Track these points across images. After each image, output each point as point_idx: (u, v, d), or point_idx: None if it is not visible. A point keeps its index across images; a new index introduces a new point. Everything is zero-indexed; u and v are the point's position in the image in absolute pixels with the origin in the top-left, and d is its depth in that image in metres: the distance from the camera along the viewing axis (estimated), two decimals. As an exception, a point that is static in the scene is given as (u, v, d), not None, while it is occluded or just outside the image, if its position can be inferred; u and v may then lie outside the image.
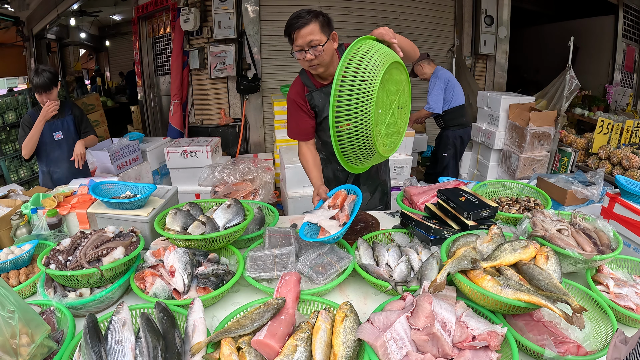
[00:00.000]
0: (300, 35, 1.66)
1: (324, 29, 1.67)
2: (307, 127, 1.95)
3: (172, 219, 1.63)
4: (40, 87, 2.53)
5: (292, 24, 1.67)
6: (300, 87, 1.92)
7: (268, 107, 5.19)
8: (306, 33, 1.65)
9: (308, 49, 1.68)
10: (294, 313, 1.21)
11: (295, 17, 1.67)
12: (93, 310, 1.34)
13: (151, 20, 5.83)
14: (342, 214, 1.60)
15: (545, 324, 1.16)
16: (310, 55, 1.69)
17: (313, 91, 1.88)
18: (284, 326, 1.13)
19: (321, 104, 1.90)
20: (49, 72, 2.55)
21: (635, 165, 3.38)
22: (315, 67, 1.75)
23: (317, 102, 1.90)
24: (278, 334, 1.09)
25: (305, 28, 1.64)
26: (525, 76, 7.71)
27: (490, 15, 5.77)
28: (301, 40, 1.67)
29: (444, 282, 1.18)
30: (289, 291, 1.27)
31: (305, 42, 1.67)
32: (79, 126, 2.87)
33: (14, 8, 6.23)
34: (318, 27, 1.65)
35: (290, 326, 1.15)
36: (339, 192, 1.68)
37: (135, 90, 6.55)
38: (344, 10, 5.18)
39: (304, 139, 1.97)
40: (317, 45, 1.67)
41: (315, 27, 1.65)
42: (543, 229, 1.46)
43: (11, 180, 4.66)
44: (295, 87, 1.94)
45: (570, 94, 3.95)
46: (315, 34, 1.65)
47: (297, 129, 1.97)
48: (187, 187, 3.75)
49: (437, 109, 3.73)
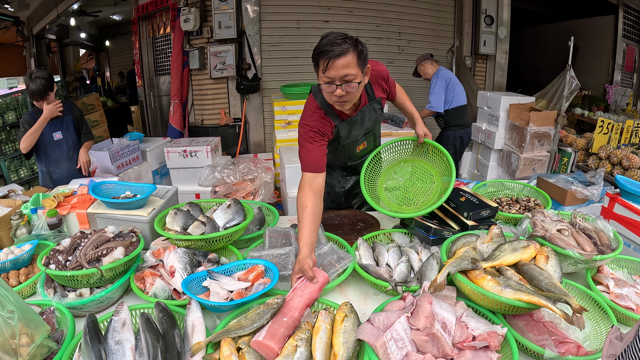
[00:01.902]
0: (334, 67, 1.40)
1: (360, 63, 1.44)
2: (324, 157, 1.69)
3: (172, 219, 1.63)
4: (36, 94, 2.53)
5: (326, 51, 1.40)
6: (324, 119, 1.68)
7: (268, 107, 5.19)
8: (342, 65, 1.40)
9: (340, 83, 1.44)
10: (300, 317, 1.17)
11: (329, 43, 1.40)
12: (93, 310, 1.34)
13: (151, 20, 5.83)
14: (244, 292, 1.32)
15: (546, 324, 1.16)
16: (342, 91, 1.46)
17: (339, 124, 1.72)
18: (285, 328, 1.11)
19: (344, 134, 1.77)
20: (43, 79, 2.53)
21: (635, 165, 3.38)
22: (343, 103, 1.54)
23: (342, 132, 1.76)
24: (278, 335, 1.08)
25: (341, 59, 1.39)
26: (525, 76, 7.70)
27: (490, 15, 5.77)
28: (334, 73, 1.41)
29: (444, 282, 1.18)
30: (303, 295, 1.21)
31: (339, 76, 1.42)
32: (78, 127, 2.88)
33: (14, 8, 6.23)
34: (355, 59, 1.41)
35: (291, 329, 1.13)
36: (254, 267, 1.41)
37: (136, 90, 6.55)
38: (344, 10, 5.18)
39: (319, 171, 1.65)
40: (351, 80, 1.43)
41: (353, 59, 1.40)
42: (543, 229, 1.46)
43: (11, 180, 4.66)
44: (316, 120, 1.68)
45: (570, 94, 3.95)
46: (351, 68, 1.41)
47: (316, 161, 1.64)
48: (187, 187, 3.75)
49: (439, 107, 3.74)
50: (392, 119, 4.28)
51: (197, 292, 1.32)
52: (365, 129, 1.83)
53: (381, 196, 1.92)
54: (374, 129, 1.88)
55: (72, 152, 2.84)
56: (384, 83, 1.80)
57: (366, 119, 1.78)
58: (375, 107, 1.78)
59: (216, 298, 1.27)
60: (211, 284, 1.31)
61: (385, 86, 1.81)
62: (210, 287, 1.30)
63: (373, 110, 1.79)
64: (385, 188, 1.94)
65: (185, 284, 1.29)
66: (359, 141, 1.87)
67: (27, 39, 6.62)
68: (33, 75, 2.52)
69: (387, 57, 5.50)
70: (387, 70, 1.81)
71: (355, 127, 1.79)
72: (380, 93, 1.79)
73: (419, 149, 1.91)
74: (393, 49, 5.56)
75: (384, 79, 1.79)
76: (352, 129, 1.78)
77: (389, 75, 1.82)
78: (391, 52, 5.55)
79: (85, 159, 2.82)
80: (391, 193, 1.92)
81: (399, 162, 1.98)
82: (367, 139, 1.90)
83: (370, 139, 1.92)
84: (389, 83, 1.83)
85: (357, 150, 1.91)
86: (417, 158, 1.92)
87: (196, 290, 1.32)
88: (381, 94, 1.80)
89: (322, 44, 1.43)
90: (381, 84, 1.78)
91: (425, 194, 1.83)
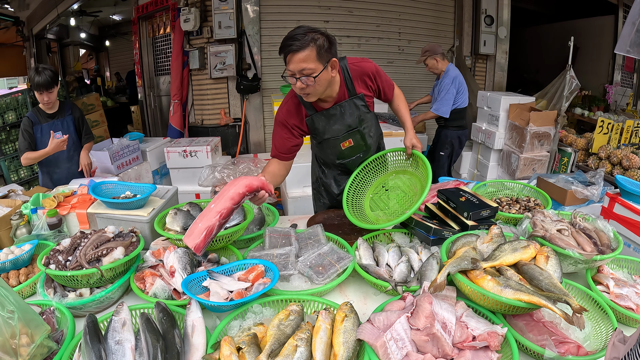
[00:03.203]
0: (292, 61, 1.48)
1: (320, 56, 1.49)
2: (293, 148, 1.83)
3: (172, 219, 1.63)
4: (42, 85, 2.53)
5: (286, 45, 1.48)
6: (296, 109, 1.78)
7: (268, 107, 5.19)
8: (299, 59, 1.47)
9: (300, 77, 1.51)
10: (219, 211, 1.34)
11: (290, 38, 1.48)
12: (93, 310, 1.34)
13: (151, 20, 5.83)
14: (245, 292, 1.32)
15: (546, 324, 1.16)
16: (302, 84, 1.53)
17: (313, 115, 1.78)
18: (202, 222, 1.30)
19: (322, 126, 1.81)
20: (50, 71, 2.57)
21: (635, 165, 3.38)
22: (306, 95, 1.61)
23: (317, 125, 1.80)
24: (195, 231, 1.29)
25: (298, 54, 1.46)
26: (525, 76, 7.70)
27: (490, 15, 5.76)
28: (293, 66, 1.49)
29: (444, 282, 1.18)
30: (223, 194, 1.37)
31: (297, 69, 1.49)
32: (79, 128, 2.88)
33: (14, 8, 6.23)
34: (314, 53, 1.47)
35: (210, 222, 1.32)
36: (254, 267, 1.42)
37: (136, 90, 6.54)
38: (344, 10, 5.18)
39: (285, 159, 1.84)
40: (309, 74, 1.50)
41: (310, 53, 1.47)
42: (543, 229, 1.46)
43: (11, 180, 4.66)
44: (288, 108, 1.79)
45: (570, 94, 3.95)
46: (309, 62, 1.47)
47: (282, 148, 1.82)
48: (187, 187, 3.75)
49: (446, 113, 3.70)
50: (392, 119, 4.27)
51: (197, 292, 1.32)
52: (347, 125, 1.83)
53: (365, 206, 1.92)
54: (359, 126, 1.85)
55: (72, 153, 2.84)
56: (369, 80, 1.79)
57: (347, 115, 1.79)
58: (357, 103, 1.79)
59: (216, 298, 1.27)
60: (211, 284, 1.31)
61: (370, 84, 1.80)
62: (210, 287, 1.30)
63: (355, 106, 1.79)
64: (372, 199, 1.94)
65: (185, 284, 1.29)
66: (340, 137, 1.86)
67: (27, 39, 6.62)
68: (39, 68, 2.55)
69: (387, 57, 5.50)
70: (377, 68, 1.80)
71: (334, 121, 1.80)
72: (364, 90, 1.79)
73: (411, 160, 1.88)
74: (393, 49, 5.56)
75: (369, 76, 1.78)
76: (330, 122, 1.80)
77: (380, 74, 1.81)
78: (391, 52, 5.55)
79: (87, 162, 2.82)
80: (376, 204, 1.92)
81: (391, 174, 1.96)
82: (353, 137, 1.87)
83: (356, 137, 1.88)
84: (378, 81, 1.82)
85: (343, 148, 1.89)
86: (409, 169, 1.90)
87: (196, 290, 1.32)
88: (365, 90, 1.79)
89: (285, 37, 1.50)
90: (365, 80, 1.78)
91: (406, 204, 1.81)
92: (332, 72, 1.58)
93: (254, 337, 1.10)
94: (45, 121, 2.72)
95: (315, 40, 1.47)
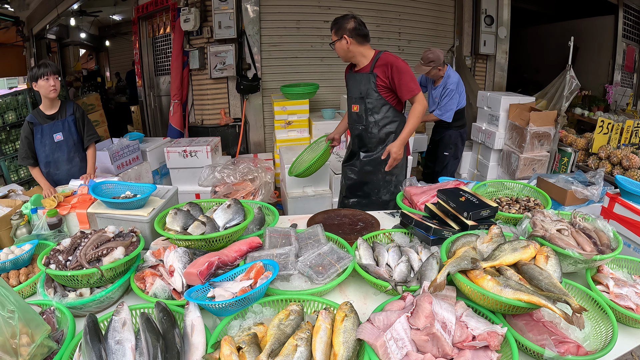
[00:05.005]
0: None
1: (335, 32, 2.37)
2: None
3: (172, 219, 1.63)
4: (49, 65, 2.59)
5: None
6: (350, 67, 2.56)
7: (268, 107, 5.18)
8: (332, 34, 2.41)
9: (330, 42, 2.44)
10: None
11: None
12: (93, 310, 1.34)
13: (151, 20, 5.83)
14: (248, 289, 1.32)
15: (545, 324, 1.17)
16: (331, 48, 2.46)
17: (349, 73, 2.53)
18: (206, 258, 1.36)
19: (349, 83, 2.51)
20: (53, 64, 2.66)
21: (635, 165, 3.38)
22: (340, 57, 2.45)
23: (348, 80, 2.53)
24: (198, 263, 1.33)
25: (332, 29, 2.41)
26: (525, 76, 7.70)
27: (490, 15, 5.76)
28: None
29: (444, 282, 1.18)
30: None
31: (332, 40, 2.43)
32: (80, 128, 2.85)
33: (14, 8, 6.23)
34: (334, 31, 2.37)
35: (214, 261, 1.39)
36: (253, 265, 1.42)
37: (136, 90, 6.54)
38: (344, 11, 5.09)
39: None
40: (331, 42, 2.43)
41: (333, 29, 2.38)
42: (543, 229, 1.46)
43: (11, 180, 4.66)
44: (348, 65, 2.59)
45: (570, 94, 3.95)
46: (332, 35, 2.40)
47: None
48: (187, 187, 3.75)
49: (449, 118, 3.72)
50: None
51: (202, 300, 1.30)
52: (358, 91, 2.43)
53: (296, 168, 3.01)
54: (365, 97, 2.40)
55: (72, 154, 2.81)
56: (386, 68, 2.31)
57: (361, 83, 2.41)
58: (370, 78, 2.37)
59: (221, 298, 1.26)
60: (215, 291, 1.30)
61: (385, 70, 2.32)
62: (215, 292, 1.29)
63: (367, 80, 2.38)
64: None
65: (189, 294, 1.27)
66: (352, 99, 2.50)
67: (27, 39, 6.62)
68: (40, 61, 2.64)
69: (387, 57, 5.49)
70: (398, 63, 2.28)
71: (352, 83, 2.48)
72: (379, 73, 2.34)
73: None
74: (393, 49, 5.55)
75: (387, 65, 2.31)
76: (350, 82, 2.50)
77: (399, 69, 2.28)
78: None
79: (92, 171, 2.76)
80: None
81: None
82: (359, 103, 2.45)
83: (362, 105, 2.44)
84: (394, 74, 2.29)
85: (352, 110, 2.52)
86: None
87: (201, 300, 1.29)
88: (380, 74, 2.34)
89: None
90: (383, 67, 2.33)
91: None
92: (344, 43, 2.32)
93: (254, 337, 1.11)
94: (45, 122, 2.71)
95: (335, 23, 2.36)
